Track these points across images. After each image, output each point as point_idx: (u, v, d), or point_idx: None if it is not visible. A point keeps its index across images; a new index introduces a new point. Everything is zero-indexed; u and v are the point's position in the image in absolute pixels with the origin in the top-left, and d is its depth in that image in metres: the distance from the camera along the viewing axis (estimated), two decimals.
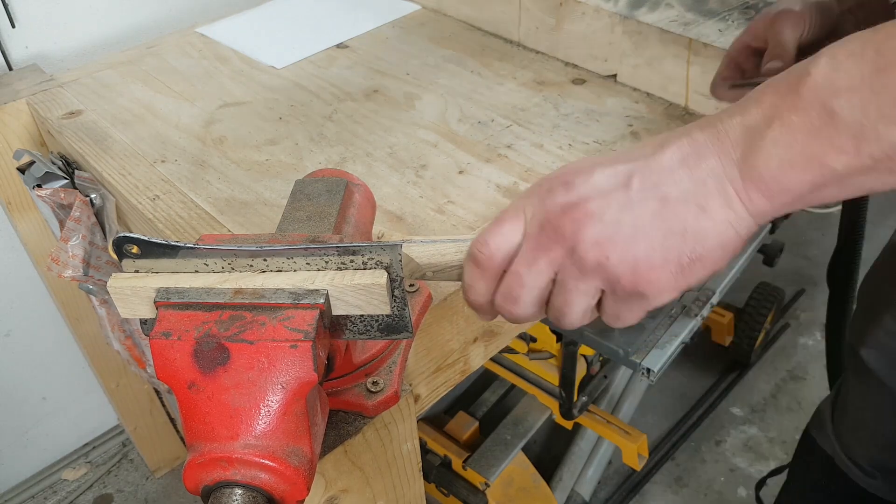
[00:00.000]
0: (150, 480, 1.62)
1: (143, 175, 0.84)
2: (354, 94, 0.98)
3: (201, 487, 0.44)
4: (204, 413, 0.44)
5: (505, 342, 0.81)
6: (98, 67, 1.09)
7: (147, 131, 0.92)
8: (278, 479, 0.43)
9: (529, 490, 1.45)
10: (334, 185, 0.61)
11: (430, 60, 1.06)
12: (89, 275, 0.93)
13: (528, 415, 1.56)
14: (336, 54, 1.09)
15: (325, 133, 0.90)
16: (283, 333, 0.44)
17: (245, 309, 0.45)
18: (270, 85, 1.01)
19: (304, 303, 0.45)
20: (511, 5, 1.06)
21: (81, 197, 0.89)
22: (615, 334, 1.35)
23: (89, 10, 1.20)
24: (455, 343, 0.72)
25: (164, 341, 0.44)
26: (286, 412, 0.43)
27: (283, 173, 0.83)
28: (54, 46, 1.19)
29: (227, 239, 0.49)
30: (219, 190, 0.81)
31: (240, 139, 0.90)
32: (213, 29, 1.18)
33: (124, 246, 0.47)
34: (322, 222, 0.56)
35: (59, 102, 1.00)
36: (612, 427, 1.52)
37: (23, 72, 1.10)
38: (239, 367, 0.43)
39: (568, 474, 1.56)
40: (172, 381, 0.44)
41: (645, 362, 1.31)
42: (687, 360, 1.79)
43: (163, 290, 0.47)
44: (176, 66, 1.08)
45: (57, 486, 1.60)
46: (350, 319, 0.49)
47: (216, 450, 0.43)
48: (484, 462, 1.45)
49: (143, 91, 1.02)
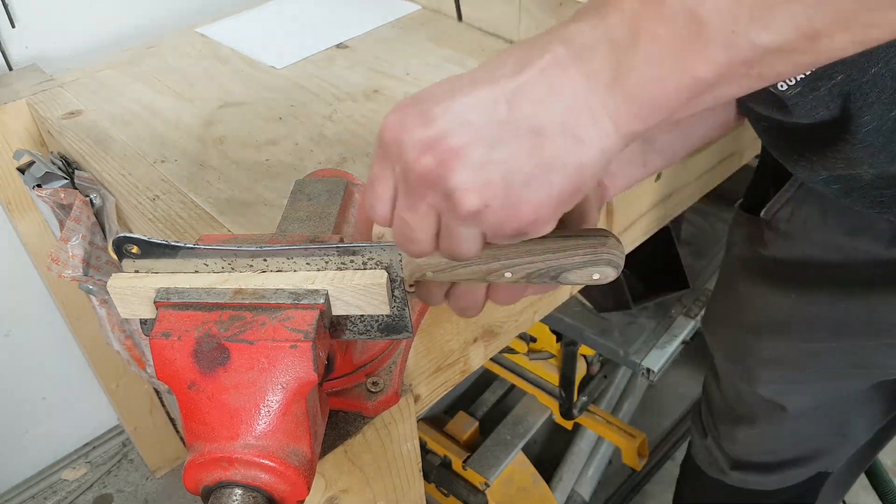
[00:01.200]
0: (150, 480, 1.62)
1: (143, 175, 0.84)
2: (354, 94, 0.98)
3: (201, 487, 0.44)
4: (204, 413, 0.44)
5: (505, 342, 0.81)
6: (98, 67, 1.09)
7: (147, 131, 0.92)
8: (278, 479, 0.43)
9: (529, 490, 1.45)
10: (334, 185, 0.61)
11: (430, 60, 1.05)
12: (89, 275, 0.93)
13: (528, 415, 1.56)
14: (336, 54, 1.09)
15: (325, 133, 0.90)
16: (283, 333, 0.44)
17: (245, 309, 0.45)
18: (270, 85, 1.01)
19: (304, 303, 0.45)
20: (511, 5, 1.06)
21: (81, 197, 0.89)
22: (615, 334, 1.35)
23: (89, 10, 1.20)
24: (455, 343, 0.72)
25: (164, 341, 0.44)
26: (286, 412, 0.43)
27: (283, 173, 0.83)
28: (54, 46, 1.19)
29: (227, 239, 0.49)
30: (219, 190, 0.81)
31: (240, 139, 0.90)
32: (213, 29, 1.18)
33: (124, 246, 0.47)
34: (322, 222, 0.56)
35: (59, 102, 1.00)
36: (612, 427, 1.52)
37: (23, 72, 1.10)
38: (239, 368, 0.43)
39: (568, 474, 1.56)
40: (172, 381, 0.44)
41: (645, 362, 1.32)
42: (687, 360, 1.79)
43: (163, 290, 0.47)
44: (176, 66, 1.08)
45: (57, 486, 1.60)
46: (350, 319, 0.49)
47: (216, 450, 0.43)
48: (484, 462, 1.45)
49: (143, 91, 1.02)
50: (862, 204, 0.57)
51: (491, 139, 0.36)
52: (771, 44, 0.31)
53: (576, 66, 0.35)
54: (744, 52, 0.31)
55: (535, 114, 0.35)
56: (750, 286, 0.79)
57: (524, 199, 0.36)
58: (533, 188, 0.36)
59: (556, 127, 0.35)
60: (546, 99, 0.35)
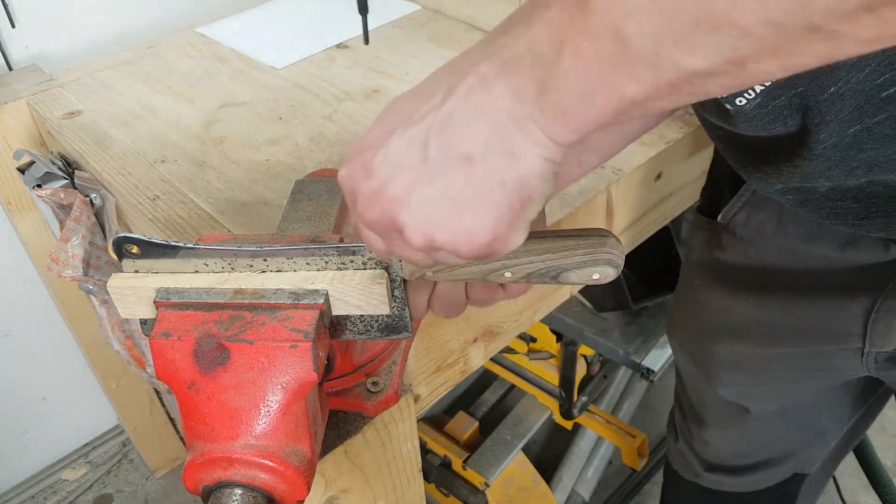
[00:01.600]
0: (150, 480, 1.62)
1: (143, 175, 0.84)
2: (354, 94, 0.98)
3: (201, 487, 0.44)
4: (204, 413, 0.44)
5: (505, 342, 0.81)
6: (98, 67, 1.09)
7: (147, 131, 0.92)
8: (278, 479, 0.43)
9: (529, 490, 1.45)
10: (334, 185, 0.61)
11: (430, 60, 1.05)
12: (89, 275, 0.93)
13: (528, 415, 1.56)
14: (336, 54, 1.09)
15: (325, 133, 0.90)
16: (283, 333, 0.44)
17: (245, 309, 0.45)
18: (270, 85, 1.01)
19: (303, 303, 0.45)
20: (511, 5, 1.06)
21: (81, 197, 0.89)
22: (615, 334, 1.35)
23: (89, 10, 1.20)
24: (455, 343, 0.72)
25: (164, 341, 0.44)
26: (286, 412, 0.43)
27: (283, 173, 0.83)
28: (54, 46, 1.19)
29: (227, 239, 0.49)
30: (219, 190, 0.81)
31: (240, 139, 0.90)
32: (213, 29, 1.18)
33: (124, 246, 0.47)
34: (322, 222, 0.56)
35: (59, 102, 1.00)
36: (612, 427, 1.52)
37: (23, 72, 1.10)
38: (239, 367, 0.43)
39: (568, 474, 1.56)
40: (172, 381, 0.44)
41: (645, 362, 1.32)
42: None
43: (163, 290, 0.47)
44: (176, 66, 1.08)
45: (57, 486, 1.60)
46: (350, 319, 0.49)
47: (216, 450, 0.43)
48: (484, 462, 1.45)
49: (143, 91, 1.02)
50: (818, 215, 0.57)
51: (427, 177, 0.37)
52: (697, 68, 0.30)
53: (501, 82, 0.35)
54: (669, 73, 0.30)
55: (463, 141, 0.36)
56: (708, 291, 0.79)
57: (472, 225, 0.37)
58: (477, 212, 0.37)
59: (484, 149, 0.36)
60: (472, 123, 0.36)
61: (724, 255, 0.74)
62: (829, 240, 0.64)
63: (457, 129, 0.36)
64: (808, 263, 0.67)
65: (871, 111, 0.45)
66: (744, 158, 0.57)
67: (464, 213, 0.37)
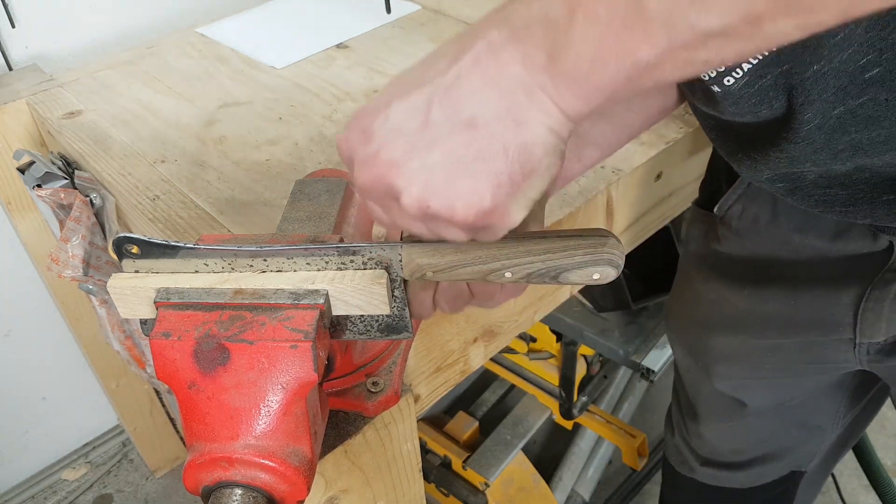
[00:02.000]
0: (150, 480, 1.62)
1: (143, 175, 0.84)
2: (354, 94, 0.98)
3: (201, 488, 0.44)
4: (204, 413, 0.44)
5: (505, 342, 0.81)
6: (98, 67, 1.09)
7: (147, 131, 0.92)
8: (278, 479, 0.43)
9: (529, 490, 1.46)
10: (334, 185, 0.61)
11: None
12: (89, 275, 0.93)
13: (528, 415, 1.56)
14: (336, 54, 1.09)
15: (325, 133, 0.90)
16: (283, 333, 0.44)
17: (245, 309, 0.45)
18: (270, 85, 1.01)
19: (304, 303, 0.45)
20: None
21: (81, 197, 0.89)
22: (615, 334, 1.35)
23: (89, 10, 1.20)
24: (455, 343, 0.72)
25: (164, 341, 0.44)
26: (286, 412, 0.43)
27: (283, 173, 0.83)
28: (54, 46, 1.19)
29: (227, 239, 0.49)
30: (219, 190, 0.81)
31: (240, 139, 0.90)
32: (213, 29, 1.18)
33: (124, 246, 0.47)
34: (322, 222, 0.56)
35: (59, 102, 1.00)
36: (612, 427, 1.52)
37: (23, 72, 1.10)
38: (239, 368, 0.43)
39: (568, 474, 1.56)
40: (172, 382, 0.44)
41: (645, 362, 1.32)
42: None
43: (163, 290, 0.47)
44: (176, 66, 1.08)
45: (57, 486, 1.60)
46: (350, 319, 0.49)
47: (216, 450, 0.43)
48: (484, 462, 1.45)
49: (143, 91, 1.02)
50: (807, 203, 0.57)
51: (426, 141, 0.36)
52: (713, 28, 0.30)
53: (510, 49, 0.35)
54: (685, 35, 0.30)
55: (467, 106, 0.35)
56: (704, 282, 0.79)
57: (470, 190, 0.36)
58: (476, 177, 0.36)
59: (490, 114, 0.35)
60: (479, 89, 0.35)
61: (721, 246, 0.75)
62: (820, 230, 0.65)
63: (462, 94, 0.36)
64: (800, 254, 0.67)
65: (854, 92, 0.45)
66: (734, 147, 0.57)
67: (462, 178, 0.36)
